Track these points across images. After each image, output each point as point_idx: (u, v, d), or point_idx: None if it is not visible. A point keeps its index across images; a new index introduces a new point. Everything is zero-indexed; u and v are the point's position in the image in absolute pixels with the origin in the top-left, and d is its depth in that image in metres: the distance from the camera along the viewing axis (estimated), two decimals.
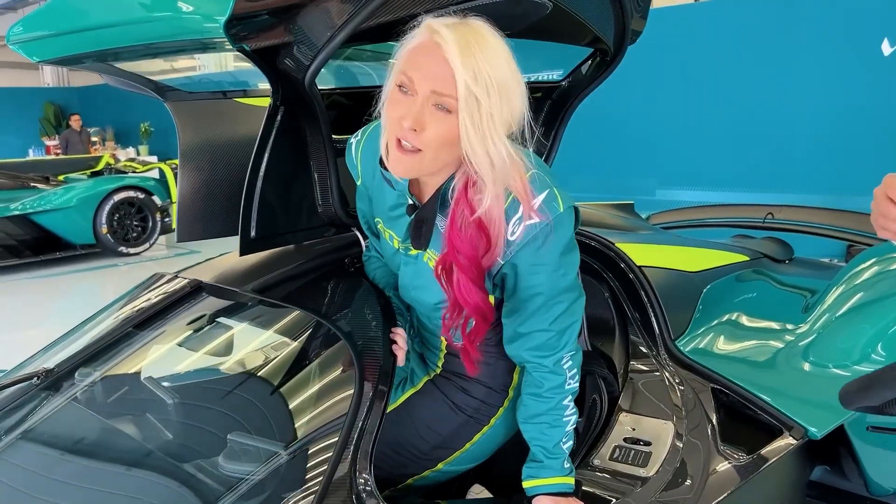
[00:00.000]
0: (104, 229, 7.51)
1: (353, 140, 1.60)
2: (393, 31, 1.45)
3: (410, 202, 1.47)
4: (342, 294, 1.65)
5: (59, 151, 12.86)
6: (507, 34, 1.61)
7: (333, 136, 1.73)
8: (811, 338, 2.17)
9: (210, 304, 1.67)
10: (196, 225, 1.77)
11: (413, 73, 1.27)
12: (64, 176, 8.52)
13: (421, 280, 1.54)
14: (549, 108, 2.16)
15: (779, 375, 2.03)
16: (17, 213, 7.19)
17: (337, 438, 1.37)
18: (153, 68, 1.86)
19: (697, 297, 2.26)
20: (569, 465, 1.55)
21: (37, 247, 7.36)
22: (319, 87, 1.65)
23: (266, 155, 1.60)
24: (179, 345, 1.62)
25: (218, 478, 1.37)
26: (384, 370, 1.48)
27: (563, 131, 2.19)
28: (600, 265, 2.16)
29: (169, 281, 1.77)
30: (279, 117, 1.57)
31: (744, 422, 1.91)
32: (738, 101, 6.70)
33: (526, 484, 1.54)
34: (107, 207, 7.51)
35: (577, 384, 1.56)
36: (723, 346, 2.12)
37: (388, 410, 1.64)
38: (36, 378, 1.52)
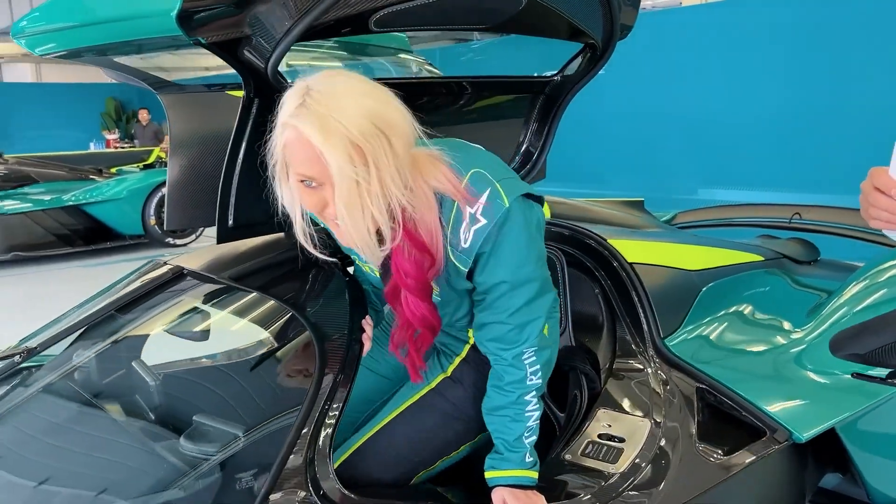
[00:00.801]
0: (152, 220, 7.74)
1: None
2: (364, 23, 1.48)
3: None
4: (315, 284, 1.68)
5: (118, 145, 13.30)
6: (485, 28, 1.63)
7: None
8: (809, 341, 2.13)
9: (190, 290, 1.73)
10: (185, 212, 1.83)
11: (307, 171, 1.28)
12: (117, 168, 8.81)
13: None
14: (543, 104, 2.16)
15: (768, 377, 1.99)
16: (70, 203, 7.47)
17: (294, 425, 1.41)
18: (149, 63, 1.93)
19: (694, 295, 2.23)
20: (531, 458, 1.56)
21: (88, 236, 7.63)
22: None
23: (242, 146, 1.65)
24: (155, 328, 1.68)
25: (179, 456, 1.42)
26: (348, 360, 1.52)
27: (556, 126, 2.19)
28: (591, 261, 2.15)
29: (157, 267, 1.83)
30: (254, 109, 1.61)
31: (726, 422, 1.88)
32: (785, 100, 6.53)
33: (487, 475, 1.55)
34: (155, 199, 7.74)
35: (542, 381, 1.55)
36: (714, 345, 2.09)
37: (425, 392, 1.69)
38: (18, 356, 1.60)
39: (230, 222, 1.68)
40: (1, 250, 7.26)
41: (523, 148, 2.20)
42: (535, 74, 2.12)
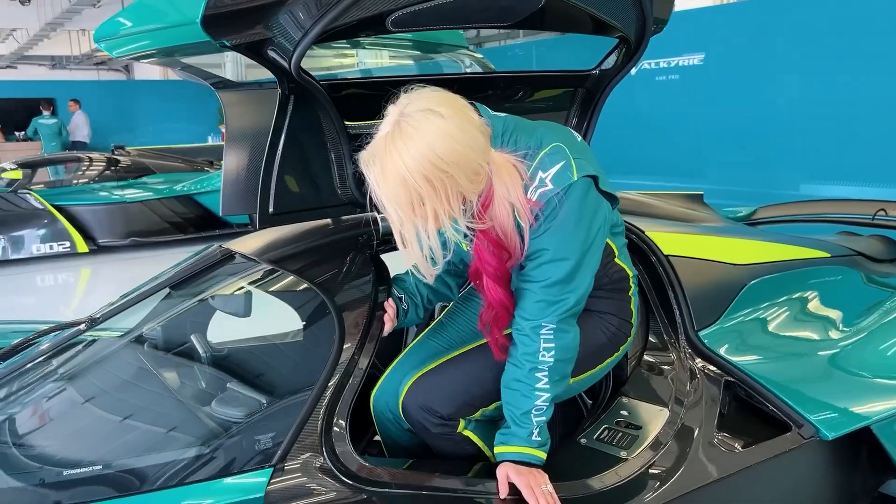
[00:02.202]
0: None
1: None
2: (381, 24, 1.58)
3: None
4: (344, 268, 1.80)
5: None
6: (507, 26, 1.71)
7: (353, 123, 1.89)
8: (853, 339, 2.08)
9: (237, 270, 1.90)
10: (238, 201, 1.99)
11: None
12: None
13: None
14: (583, 98, 2.20)
15: (803, 373, 1.97)
16: (183, 193, 8.00)
17: (311, 394, 1.55)
18: (209, 62, 2.10)
19: (737, 289, 2.21)
20: (539, 438, 1.60)
21: (198, 224, 8.13)
22: (336, 79, 1.83)
23: (281, 140, 1.79)
24: (201, 303, 1.86)
25: (211, 418, 1.59)
26: (368, 336, 1.64)
27: (596, 119, 2.22)
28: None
29: (213, 250, 2.01)
30: (290, 106, 1.74)
31: (750, 415, 1.88)
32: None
33: (496, 450, 1.62)
34: None
35: (556, 362, 1.59)
36: (750, 339, 2.07)
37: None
38: (83, 325, 1.81)
39: (270, 209, 1.83)
40: (121, 236, 7.86)
41: None
42: (574, 69, 2.16)
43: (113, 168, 8.63)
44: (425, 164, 1.41)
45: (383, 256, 1.90)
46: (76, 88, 15.98)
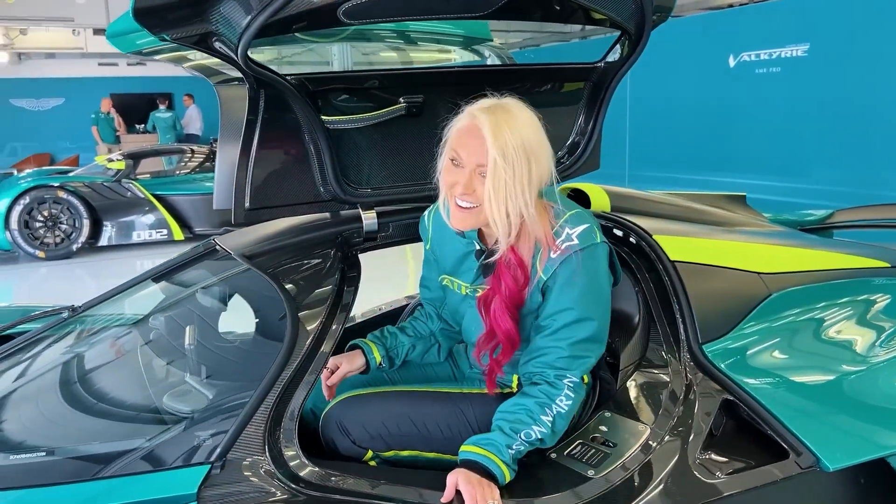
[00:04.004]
0: None
1: (426, 212, 1.89)
2: (332, 15, 1.54)
3: (478, 247, 1.70)
4: (311, 266, 1.78)
5: None
6: (479, 17, 1.62)
7: (333, 119, 1.86)
8: (878, 362, 1.86)
9: (214, 263, 1.90)
10: (227, 196, 1.99)
11: (461, 150, 1.57)
12: None
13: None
14: (590, 91, 2.08)
15: (815, 396, 1.78)
16: None
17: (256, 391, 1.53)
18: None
19: (757, 300, 2.02)
20: (512, 457, 1.55)
21: None
22: (316, 73, 1.80)
23: (256, 134, 1.77)
24: (175, 296, 1.88)
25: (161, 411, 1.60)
26: (324, 335, 1.60)
27: (604, 114, 2.10)
28: (634, 259, 2.03)
29: (202, 244, 2.03)
30: (261, 101, 1.73)
31: (745, 439, 1.71)
32: None
33: (462, 448, 1.57)
34: None
35: (567, 412, 1.61)
36: (761, 355, 1.89)
37: (456, 391, 1.79)
38: (65, 312, 1.87)
39: (247, 204, 1.82)
40: (215, 225, 8.19)
41: (572, 137, 2.14)
42: (580, 62, 2.05)
43: (212, 160, 9.00)
44: (519, 141, 1.51)
45: (361, 257, 1.86)
46: (193, 83, 16.76)
